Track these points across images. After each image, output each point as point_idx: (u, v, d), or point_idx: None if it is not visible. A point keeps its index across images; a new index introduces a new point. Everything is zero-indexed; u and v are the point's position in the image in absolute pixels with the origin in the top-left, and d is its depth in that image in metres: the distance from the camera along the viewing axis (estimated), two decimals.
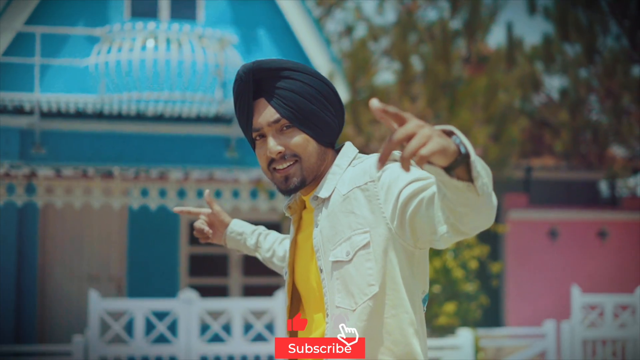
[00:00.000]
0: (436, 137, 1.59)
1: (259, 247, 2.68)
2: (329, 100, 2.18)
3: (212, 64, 9.61)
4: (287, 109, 2.13)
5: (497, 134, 10.32)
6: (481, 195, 1.68)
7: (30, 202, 9.77)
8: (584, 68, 13.96)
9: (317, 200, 2.16)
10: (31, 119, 9.93)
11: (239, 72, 2.16)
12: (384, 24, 12.80)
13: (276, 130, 2.15)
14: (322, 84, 2.18)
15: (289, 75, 2.15)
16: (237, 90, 2.17)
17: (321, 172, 2.19)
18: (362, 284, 2.04)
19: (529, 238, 14.69)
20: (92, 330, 7.77)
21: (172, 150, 10.44)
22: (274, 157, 2.15)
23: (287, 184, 2.17)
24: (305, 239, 2.22)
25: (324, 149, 2.19)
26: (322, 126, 2.17)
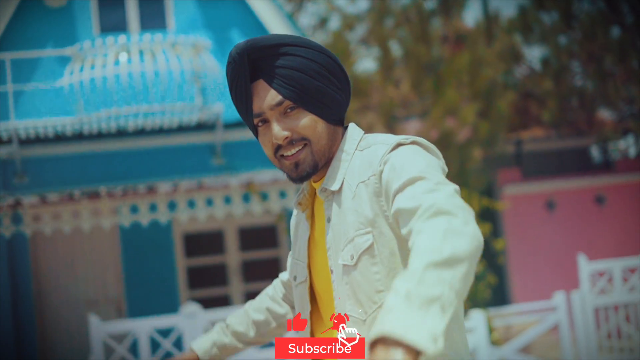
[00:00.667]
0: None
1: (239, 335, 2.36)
2: (333, 74, 1.97)
3: (189, 71, 9.42)
4: (290, 89, 1.92)
5: (485, 110, 10.18)
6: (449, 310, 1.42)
7: (18, 232, 9.57)
8: (563, 35, 13.85)
9: (326, 192, 1.96)
10: (10, 148, 9.73)
11: (232, 54, 1.93)
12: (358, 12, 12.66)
13: (280, 113, 1.94)
14: (324, 56, 1.96)
15: (288, 52, 1.93)
16: (231, 74, 1.95)
17: (333, 152, 1.98)
18: (369, 292, 1.84)
19: (527, 212, 14.58)
20: (95, 355, 7.60)
21: (158, 163, 10.27)
22: (281, 143, 1.94)
23: (298, 171, 1.96)
24: (321, 233, 2.00)
25: (333, 128, 1.98)
26: (329, 103, 1.95)
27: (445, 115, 9.31)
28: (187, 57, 9.40)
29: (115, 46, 9.36)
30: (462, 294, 1.46)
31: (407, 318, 1.36)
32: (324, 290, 2.00)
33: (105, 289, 10.53)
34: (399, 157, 1.81)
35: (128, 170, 10.13)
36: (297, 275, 2.09)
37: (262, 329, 2.36)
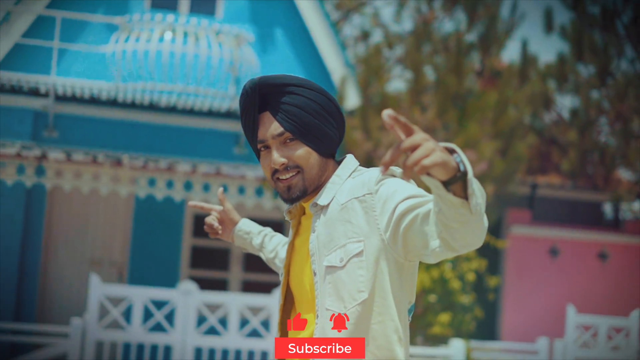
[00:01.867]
0: (439, 151, 1.70)
1: (264, 247, 2.80)
2: (330, 114, 2.30)
3: (227, 60, 9.72)
4: (291, 123, 2.24)
5: (505, 150, 10.40)
6: (474, 213, 1.79)
7: (39, 184, 9.89)
8: (596, 89, 14.03)
9: (316, 207, 2.27)
10: (45, 102, 10.05)
11: (246, 87, 2.28)
12: (401, 32, 12.90)
13: (280, 142, 2.27)
14: (324, 98, 2.30)
15: (293, 91, 2.27)
16: (243, 104, 2.29)
17: (322, 182, 2.30)
18: (352, 290, 2.15)
19: (530, 254, 14.76)
20: (90, 314, 7.87)
21: (182, 142, 10.54)
22: (278, 168, 2.27)
23: (289, 194, 2.28)
24: (302, 243, 2.33)
25: (325, 160, 2.31)
26: (324, 139, 2.28)
27: (464, 148, 9.55)
28: (228, 46, 9.70)
29: (163, 24, 9.68)
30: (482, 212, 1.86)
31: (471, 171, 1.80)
32: (297, 290, 2.34)
33: (110, 252, 10.77)
34: (394, 182, 2.15)
35: (152, 144, 10.42)
36: (281, 272, 2.43)
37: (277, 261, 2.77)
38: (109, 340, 7.90)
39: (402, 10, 12.45)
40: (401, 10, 12.47)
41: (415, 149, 1.70)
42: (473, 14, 11.61)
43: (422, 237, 2.00)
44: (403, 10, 12.42)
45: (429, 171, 1.72)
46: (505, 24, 12.00)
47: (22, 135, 9.99)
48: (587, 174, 14.68)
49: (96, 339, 7.85)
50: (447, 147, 1.79)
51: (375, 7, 14.15)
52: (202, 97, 9.94)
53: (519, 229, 14.54)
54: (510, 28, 12.14)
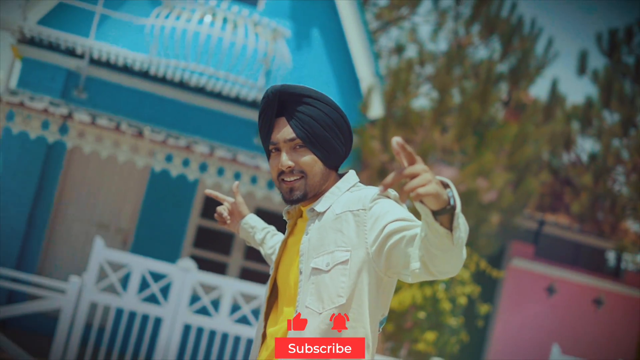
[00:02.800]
0: (434, 183, 1.89)
1: (264, 243, 3.00)
2: (340, 130, 2.49)
3: (261, 52, 9.89)
4: (303, 131, 2.44)
5: (517, 182, 10.52)
6: (455, 245, 1.98)
7: (60, 141, 10.09)
8: (618, 138, 14.12)
9: (313, 213, 2.46)
10: (80, 63, 10.25)
11: (268, 91, 2.48)
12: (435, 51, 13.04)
13: (290, 147, 2.46)
14: (337, 115, 2.49)
15: (310, 103, 2.46)
16: (263, 106, 2.49)
17: (322, 190, 2.49)
18: (332, 294, 2.33)
19: (527, 288, 14.87)
20: (89, 275, 8.01)
21: (204, 123, 10.70)
22: (284, 170, 2.46)
23: (290, 195, 2.47)
24: (294, 242, 2.52)
25: (328, 171, 2.50)
26: (331, 151, 2.47)
27: (477, 175, 9.69)
28: (264, 38, 9.87)
29: (205, 7, 9.87)
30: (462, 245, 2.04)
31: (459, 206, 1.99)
32: (282, 285, 2.53)
33: (119, 219, 10.93)
34: (388, 203, 2.34)
35: (176, 121, 10.59)
36: (272, 267, 2.61)
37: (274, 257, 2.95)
38: (103, 303, 8.05)
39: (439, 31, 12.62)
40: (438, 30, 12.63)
41: (414, 177, 1.88)
42: (508, 45, 11.74)
43: (404, 257, 2.18)
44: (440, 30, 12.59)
45: (422, 199, 1.90)
46: (538, 60, 12.13)
47: (52, 91, 10.19)
48: (596, 220, 14.77)
49: (91, 299, 8.00)
50: (442, 181, 1.98)
51: (414, 23, 14.30)
52: (231, 84, 10.11)
53: (520, 262, 14.67)
54: (542, 65, 12.26)
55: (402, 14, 13.67)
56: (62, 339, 7.89)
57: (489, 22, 11.72)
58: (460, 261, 2.07)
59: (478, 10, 11.94)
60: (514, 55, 11.72)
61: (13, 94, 9.18)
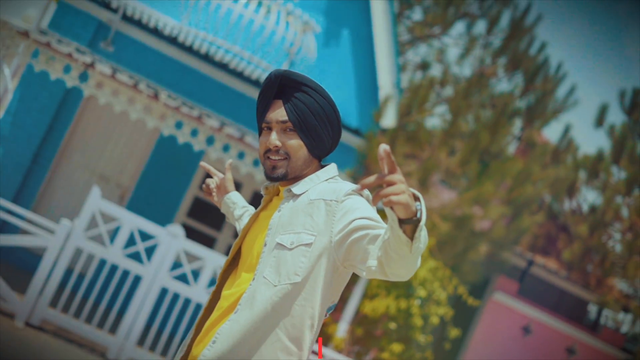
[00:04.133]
0: (407, 194, 2.08)
1: (241, 219, 3.18)
2: (331, 124, 2.67)
3: (289, 41, 10.01)
4: (295, 116, 2.61)
5: (511, 218, 10.66)
6: (412, 253, 2.15)
7: (78, 88, 10.25)
8: (621, 196, 14.22)
9: (289, 193, 2.63)
10: (112, 16, 10.39)
11: (271, 73, 2.66)
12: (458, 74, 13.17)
13: (281, 128, 2.63)
14: (331, 109, 2.67)
15: (307, 92, 2.64)
16: (264, 86, 2.66)
17: (302, 175, 2.66)
18: (290, 271, 2.50)
19: (504, 323, 14.99)
20: (80, 221, 8.15)
21: (219, 98, 10.83)
22: (271, 148, 2.63)
23: (272, 172, 2.65)
24: (265, 216, 2.70)
25: (311, 158, 2.68)
26: (317, 140, 2.65)
27: (474, 202, 9.83)
28: (294, 29, 10.01)
29: None
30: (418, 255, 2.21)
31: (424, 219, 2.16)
32: (246, 252, 2.69)
33: (120, 174, 11.04)
34: (359, 200, 2.52)
35: (193, 90, 10.73)
36: (239, 233, 2.78)
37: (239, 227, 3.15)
38: (88, 250, 8.18)
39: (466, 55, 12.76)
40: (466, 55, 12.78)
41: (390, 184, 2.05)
42: (530, 82, 11.87)
43: (363, 253, 2.36)
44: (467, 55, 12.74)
45: (393, 206, 2.07)
46: (557, 103, 12.25)
47: (80, 38, 10.34)
48: (584, 270, 14.88)
49: (77, 245, 8.14)
50: (414, 194, 2.15)
51: (444, 43, 14.44)
52: (253, 65, 10.25)
53: (502, 297, 14.79)
54: (561, 109, 12.37)
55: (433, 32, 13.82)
56: (42, 277, 8.05)
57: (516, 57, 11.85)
58: (413, 268, 2.25)
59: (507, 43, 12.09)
60: (534, 94, 11.84)
61: (42, 33, 9.34)
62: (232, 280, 2.69)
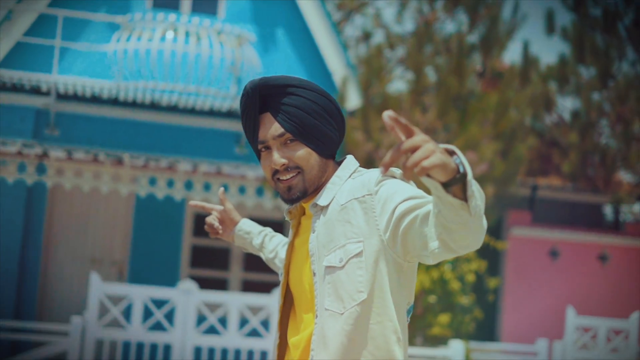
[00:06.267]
0: (438, 152, 1.71)
1: (264, 247, 2.81)
2: (330, 115, 2.31)
3: (229, 60, 9.74)
4: (291, 124, 2.26)
5: (505, 151, 10.41)
6: (473, 215, 1.80)
7: (40, 182, 9.91)
8: (597, 92, 14.04)
9: (316, 208, 2.28)
10: (47, 100, 10.08)
11: (246, 87, 2.29)
12: (402, 32, 12.92)
13: (280, 143, 2.28)
14: (324, 99, 2.32)
15: (294, 92, 2.28)
16: (244, 105, 2.31)
17: (322, 182, 2.32)
18: (351, 290, 2.16)
19: (530, 256, 14.77)
20: (90, 312, 7.89)
21: (182, 141, 10.56)
22: (278, 169, 2.28)
23: (290, 194, 2.29)
24: (301, 243, 2.35)
25: (325, 161, 2.32)
26: (324, 140, 2.30)
27: (465, 149, 9.55)
28: (230, 46, 9.72)
29: (165, 23, 9.69)
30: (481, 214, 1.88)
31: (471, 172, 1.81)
32: (297, 290, 2.34)
33: (111, 251, 10.81)
34: (394, 183, 2.16)
35: (153, 143, 10.43)
36: (281, 273, 2.44)
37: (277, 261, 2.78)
38: (108, 338, 7.93)
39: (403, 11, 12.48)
40: (403, 11, 12.49)
41: (415, 150, 1.71)
42: (474, 15, 11.62)
43: (421, 238, 2.01)
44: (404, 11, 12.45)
45: (428, 172, 1.73)
46: (506, 25, 12.00)
47: (23, 133, 10.01)
48: (588, 176, 14.69)
49: (96, 337, 7.87)
50: (447, 149, 1.80)
51: (377, 7, 14.17)
52: (203, 97, 9.95)
53: (519, 231, 14.56)
54: (512, 29, 12.13)
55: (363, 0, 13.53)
56: None
57: None
58: (482, 232, 1.90)
59: None
60: (482, 24, 11.59)
61: None
62: (294, 325, 2.36)
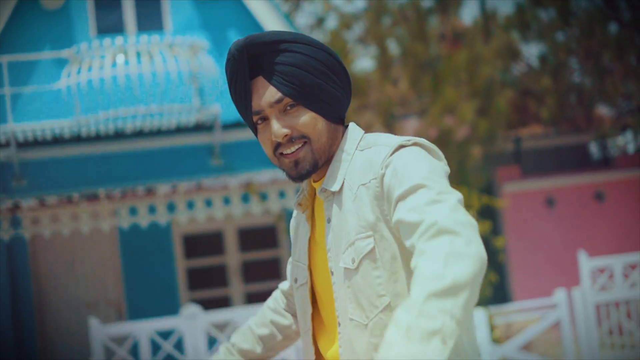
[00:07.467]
0: None
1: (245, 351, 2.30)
2: (333, 71, 1.94)
3: (186, 72, 9.42)
4: (289, 86, 1.89)
5: (484, 108, 10.18)
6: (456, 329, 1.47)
7: (17, 235, 9.56)
8: (561, 31, 13.85)
9: (326, 193, 1.93)
10: (8, 151, 9.73)
11: (231, 50, 1.90)
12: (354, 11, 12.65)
13: (279, 110, 1.91)
14: (324, 53, 1.94)
15: (287, 48, 1.90)
16: (230, 71, 1.92)
17: (333, 152, 1.96)
18: (371, 296, 1.82)
19: (526, 209, 14.58)
20: (96, 358, 7.60)
21: (156, 164, 10.27)
22: (280, 141, 1.91)
23: (297, 169, 1.93)
24: (321, 234, 1.98)
25: (333, 126, 1.95)
26: (329, 101, 1.92)
27: (443, 114, 9.31)
28: (184, 58, 9.40)
29: (112, 48, 9.35)
30: (464, 321, 1.48)
31: (408, 353, 1.39)
32: (325, 292, 1.97)
33: (105, 291, 10.57)
34: (401, 160, 1.79)
35: (126, 172, 10.13)
36: (298, 277, 2.05)
37: (268, 344, 2.32)
38: None
39: None
40: None
41: None
42: None
43: None
44: None
45: None
46: None
47: None
48: (568, 118, 14.53)
49: None
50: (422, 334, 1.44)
51: None
52: (167, 115, 9.63)
53: (511, 186, 14.35)
54: None
55: None
56: None
57: None
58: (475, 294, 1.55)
59: None
60: None
61: None
62: (325, 334, 1.99)
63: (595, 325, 8.85)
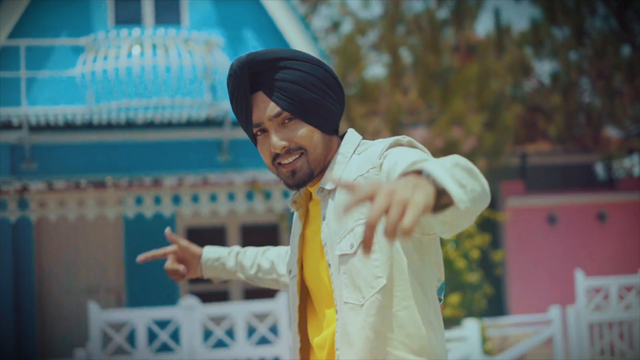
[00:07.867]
0: (412, 195, 1.44)
1: (242, 265, 2.53)
2: (329, 86, 2.09)
3: (200, 67, 9.52)
4: (288, 101, 2.04)
5: (491, 122, 10.26)
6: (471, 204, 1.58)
7: (23, 217, 9.67)
8: (574, 50, 13.91)
9: (323, 192, 2.07)
10: (20, 134, 9.84)
11: (233, 67, 2.05)
12: (370, 17, 12.72)
13: (278, 124, 2.05)
14: (321, 69, 2.09)
15: (286, 65, 2.05)
16: (232, 86, 2.07)
17: (327, 161, 2.10)
18: (368, 277, 1.95)
19: (528, 225, 14.64)
20: (93, 343, 7.70)
21: (164, 156, 10.36)
22: (279, 152, 2.06)
23: (294, 179, 2.07)
24: (313, 232, 2.12)
25: (328, 138, 2.11)
26: (325, 114, 2.08)
27: (451, 125, 9.39)
28: (199, 53, 9.50)
29: (129, 39, 9.46)
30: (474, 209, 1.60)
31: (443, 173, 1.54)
32: (315, 285, 2.11)
33: (106, 278, 10.63)
34: (397, 153, 1.92)
35: (135, 162, 10.22)
36: (292, 269, 2.20)
37: (261, 274, 2.51)
38: None
39: None
40: None
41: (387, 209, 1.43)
42: None
43: None
44: None
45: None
46: None
47: (0, 171, 9.77)
48: (575, 137, 14.58)
49: None
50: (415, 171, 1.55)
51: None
52: (178, 109, 9.74)
53: (515, 201, 14.42)
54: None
55: None
56: None
57: None
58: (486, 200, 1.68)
59: None
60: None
61: None
62: (314, 323, 2.13)
63: (587, 344, 8.91)
